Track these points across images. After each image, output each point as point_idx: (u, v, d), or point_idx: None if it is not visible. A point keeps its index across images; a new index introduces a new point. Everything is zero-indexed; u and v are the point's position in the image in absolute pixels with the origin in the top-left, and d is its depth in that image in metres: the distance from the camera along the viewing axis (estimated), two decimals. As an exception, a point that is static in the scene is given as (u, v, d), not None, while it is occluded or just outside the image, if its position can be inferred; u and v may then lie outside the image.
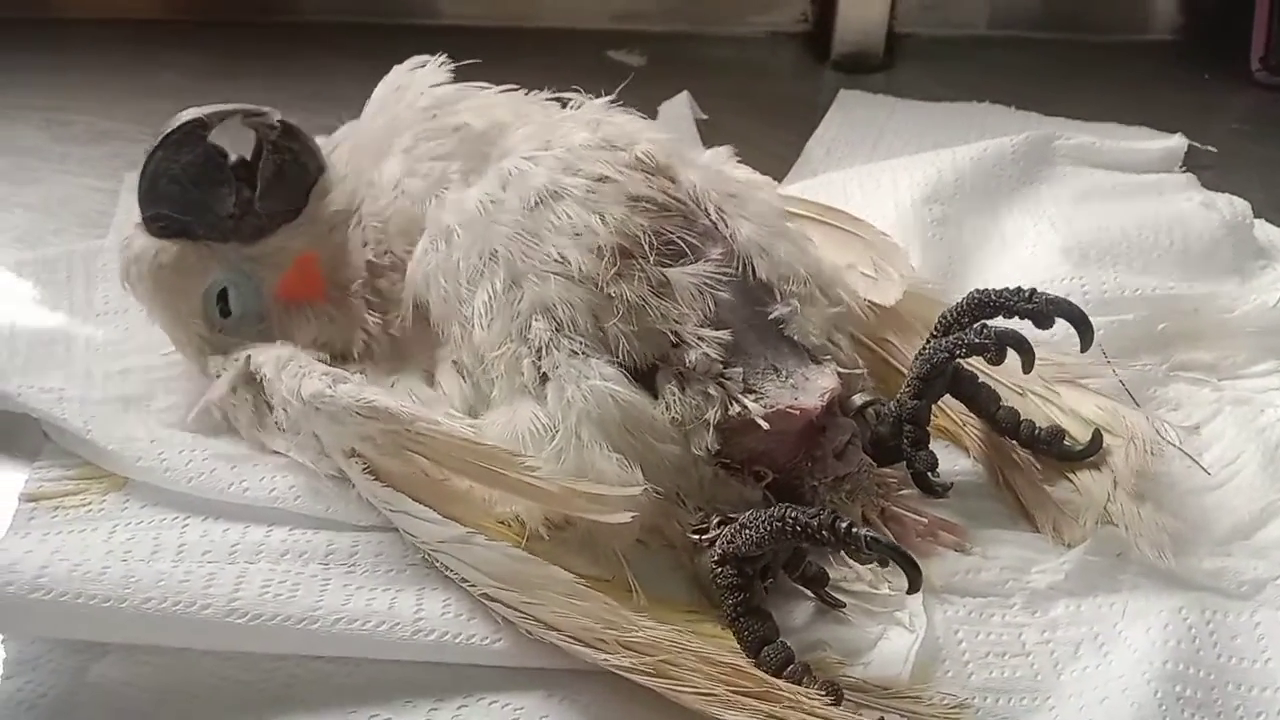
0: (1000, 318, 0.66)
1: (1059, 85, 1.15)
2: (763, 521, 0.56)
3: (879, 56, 1.18)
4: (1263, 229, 0.90)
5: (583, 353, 0.60)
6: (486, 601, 0.57)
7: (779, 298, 0.65)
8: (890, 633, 0.59)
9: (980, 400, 0.68)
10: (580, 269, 0.61)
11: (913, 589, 0.54)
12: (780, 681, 0.54)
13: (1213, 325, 0.78)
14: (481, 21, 1.16)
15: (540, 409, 0.60)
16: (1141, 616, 0.60)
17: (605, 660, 0.54)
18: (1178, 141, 0.96)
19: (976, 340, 0.64)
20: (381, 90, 0.73)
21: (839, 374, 0.66)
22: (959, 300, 0.67)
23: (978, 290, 0.67)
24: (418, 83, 0.72)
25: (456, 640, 0.56)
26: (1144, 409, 0.71)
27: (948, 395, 0.68)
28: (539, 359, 0.61)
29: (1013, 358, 0.64)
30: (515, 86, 0.72)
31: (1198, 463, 0.69)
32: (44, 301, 0.81)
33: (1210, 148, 0.99)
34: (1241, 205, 0.88)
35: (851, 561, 0.61)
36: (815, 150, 1.03)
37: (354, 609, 0.56)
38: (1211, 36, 1.22)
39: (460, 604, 0.58)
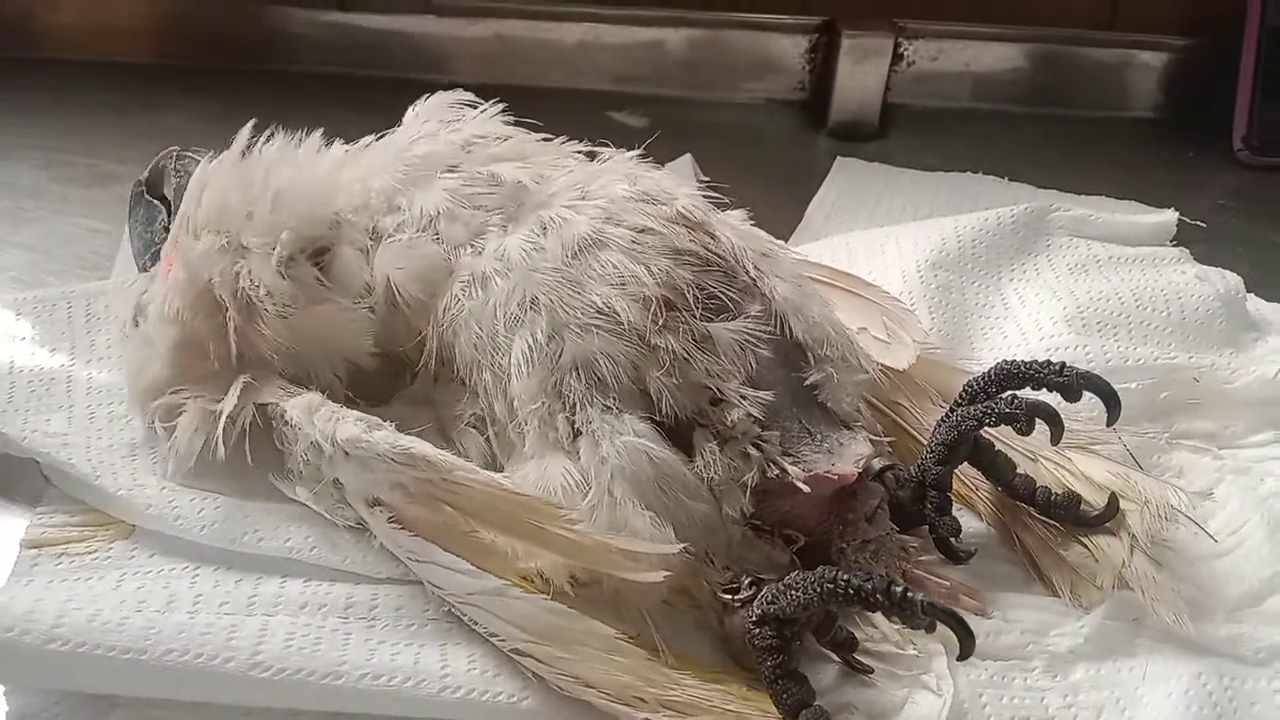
0: (1028, 389, 0.67)
1: (1046, 158, 1.18)
2: (811, 583, 0.56)
3: (874, 125, 1.20)
4: (1253, 303, 0.93)
5: (616, 408, 0.60)
6: (517, 657, 0.56)
7: (812, 361, 0.66)
8: (916, 696, 0.59)
9: (998, 467, 0.68)
10: (627, 319, 0.61)
11: (964, 654, 0.54)
12: None
13: (1213, 395, 0.80)
14: (485, 79, 1.17)
15: (572, 464, 0.60)
16: (1162, 681, 0.60)
17: (648, 719, 0.53)
18: (1169, 216, 0.99)
19: (1007, 410, 0.65)
20: (418, 115, 0.74)
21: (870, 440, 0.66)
22: (986, 370, 0.68)
23: (1006, 361, 0.68)
24: (465, 121, 0.72)
25: (483, 698, 0.55)
26: (1153, 475, 0.72)
27: (965, 464, 0.69)
28: (573, 414, 0.61)
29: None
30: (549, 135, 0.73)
31: (1204, 530, 0.70)
32: (43, 342, 0.80)
33: (1200, 223, 1.02)
34: (1234, 280, 0.91)
35: (878, 624, 0.61)
36: (816, 215, 1.04)
37: (378, 664, 0.55)
38: (1193, 115, 1.26)
39: (486, 660, 0.57)
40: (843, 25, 1.19)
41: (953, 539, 0.65)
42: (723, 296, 0.64)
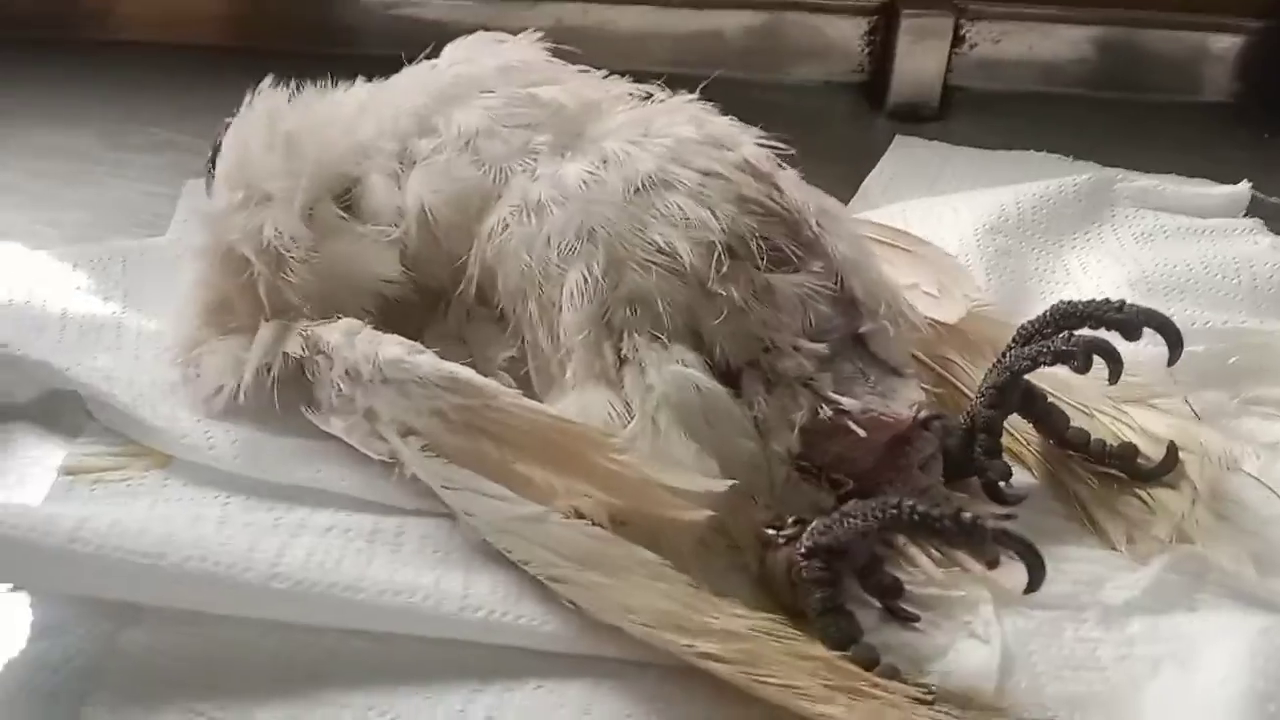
0: (1086, 329, 0.64)
1: (1114, 142, 1.14)
2: (873, 510, 0.53)
3: (934, 108, 1.18)
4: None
5: (666, 339, 0.59)
6: (553, 584, 0.54)
7: (866, 315, 0.64)
8: (960, 643, 0.56)
9: (1052, 419, 0.65)
10: (690, 264, 0.59)
11: (1033, 585, 0.51)
12: (874, 678, 0.51)
13: (1284, 361, 0.76)
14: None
15: (615, 395, 0.58)
16: (1224, 636, 0.56)
17: (688, 646, 0.51)
18: (1243, 188, 0.95)
19: (1063, 348, 0.62)
20: (455, 48, 0.73)
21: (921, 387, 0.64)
22: (1040, 312, 0.66)
23: (1063, 301, 0.65)
24: (501, 49, 0.71)
25: (505, 619, 0.53)
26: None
27: (1014, 416, 0.66)
28: (620, 342, 0.59)
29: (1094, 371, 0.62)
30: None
31: (1275, 491, 0.66)
32: (96, 291, 0.81)
33: (1276, 199, 0.98)
34: (1311, 250, 0.87)
35: (922, 565, 0.59)
36: (873, 188, 1.02)
37: (400, 581, 0.54)
38: (1269, 98, 1.22)
39: (509, 585, 0.55)
40: (902, 6, 1.16)
41: (1002, 483, 0.62)
42: (785, 249, 0.62)
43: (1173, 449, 0.63)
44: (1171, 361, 0.62)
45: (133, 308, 0.79)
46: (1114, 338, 0.63)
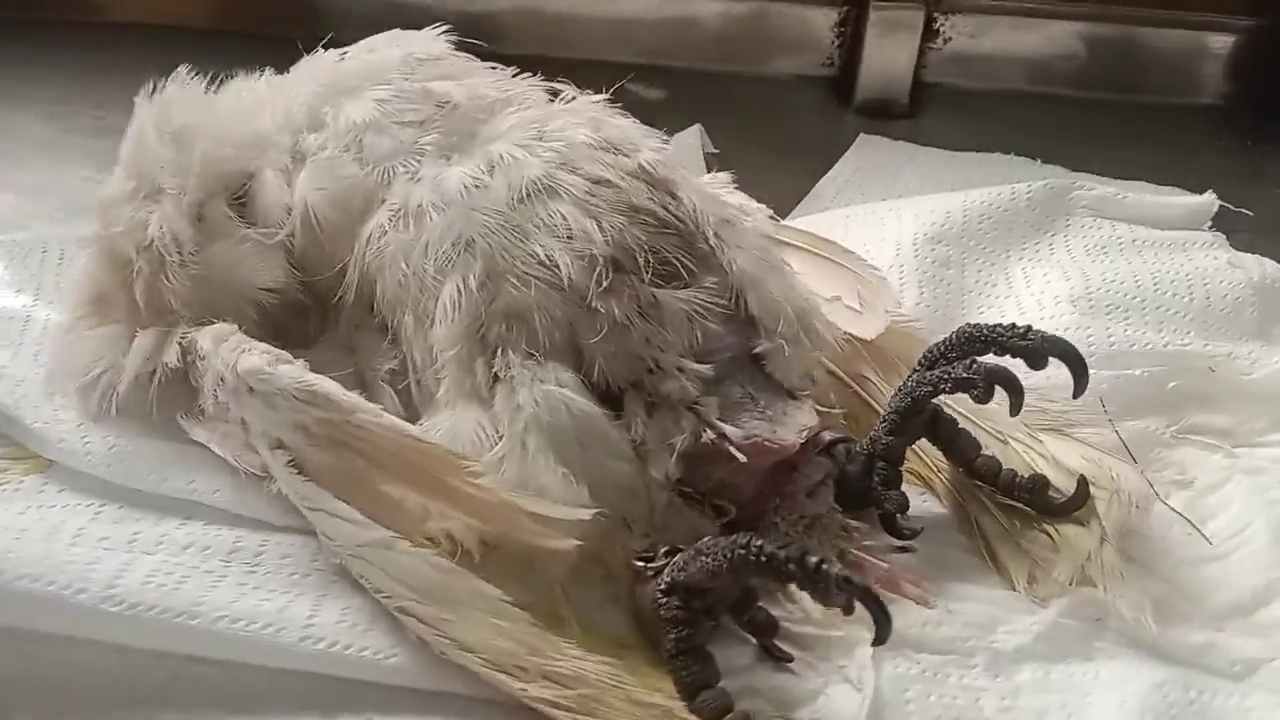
0: (991, 354, 0.61)
1: (1094, 144, 1.10)
2: (723, 549, 0.51)
3: (904, 104, 1.14)
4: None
5: (541, 357, 0.56)
6: (401, 615, 0.52)
7: (763, 334, 0.61)
8: (832, 688, 0.53)
9: (959, 446, 0.62)
10: (569, 278, 0.57)
11: (880, 639, 0.48)
12: None
13: (1230, 387, 0.72)
14: (509, 50, 1.14)
15: (486, 415, 0.56)
16: (1116, 688, 0.53)
17: (522, 690, 0.49)
18: (1207, 199, 0.91)
19: (964, 375, 0.59)
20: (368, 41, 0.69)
21: (817, 411, 0.61)
22: (948, 335, 0.63)
23: (968, 324, 0.62)
24: (406, 41, 0.68)
25: (347, 651, 0.51)
26: (1142, 468, 0.65)
27: (924, 440, 0.63)
28: (493, 359, 0.56)
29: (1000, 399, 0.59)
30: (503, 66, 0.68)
31: (1199, 530, 0.63)
32: (11, 283, 0.79)
33: (1245, 210, 0.93)
34: (1272, 267, 0.83)
35: (802, 602, 0.56)
36: (826, 189, 0.99)
37: (240, 608, 0.52)
38: (1258, 101, 1.17)
39: (360, 615, 0.53)
40: (872, -3, 1.12)
41: (898, 515, 0.60)
42: (676, 262, 0.59)
43: (1083, 484, 0.60)
44: (1076, 393, 0.59)
45: (45, 301, 0.77)
46: (1020, 367, 0.59)
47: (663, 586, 0.52)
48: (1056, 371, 0.62)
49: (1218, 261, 0.82)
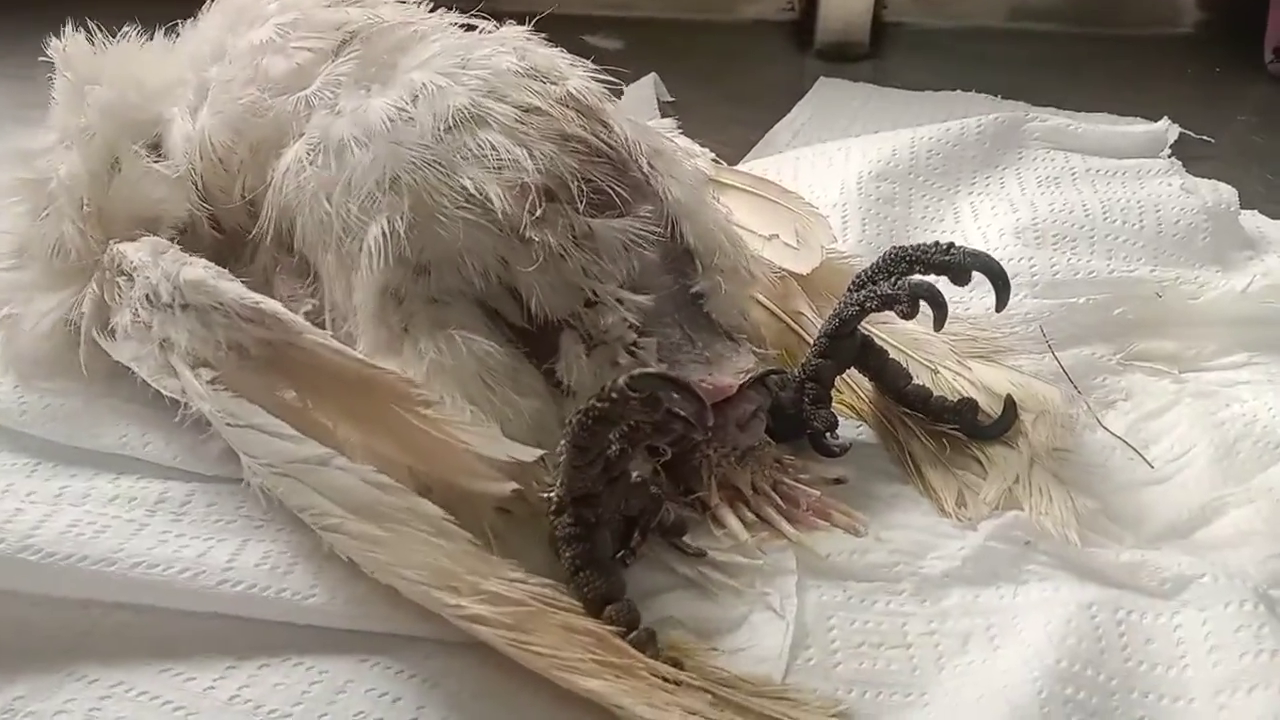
0: (918, 273, 0.60)
1: (1062, 78, 1.09)
2: (563, 437, 0.51)
3: (864, 46, 1.12)
4: (1253, 220, 0.83)
5: (443, 299, 0.56)
6: (330, 534, 0.51)
7: (700, 269, 0.60)
8: (756, 615, 0.53)
9: (889, 374, 0.62)
10: (502, 210, 0.55)
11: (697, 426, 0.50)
12: (647, 659, 0.48)
13: (1177, 313, 0.71)
14: (466, 4, 1.13)
15: (398, 365, 0.55)
16: (1043, 610, 0.53)
17: (456, 607, 0.48)
18: (1162, 126, 0.89)
19: (889, 292, 0.59)
20: None
21: (754, 353, 0.61)
22: (875, 259, 0.62)
23: (895, 246, 0.61)
24: None
25: (265, 594, 0.51)
26: (1083, 393, 0.64)
27: (856, 371, 0.63)
28: (408, 307, 0.56)
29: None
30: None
31: (1139, 453, 0.62)
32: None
33: (1207, 138, 0.92)
34: (1227, 192, 0.82)
35: (729, 525, 0.56)
36: (782, 134, 0.98)
37: (159, 554, 0.52)
38: (1232, 29, 1.15)
39: (280, 558, 0.53)
40: (831, -65, 1.11)
41: (827, 434, 0.59)
42: (610, 191, 0.58)
43: (1010, 405, 0.59)
44: (999, 307, 0.58)
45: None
46: (947, 284, 0.59)
47: (552, 507, 0.52)
48: (987, 296, 0.61)
49: (1170, 188, 0.81)
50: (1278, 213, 0.84)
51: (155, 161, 0.62)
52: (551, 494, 0.53)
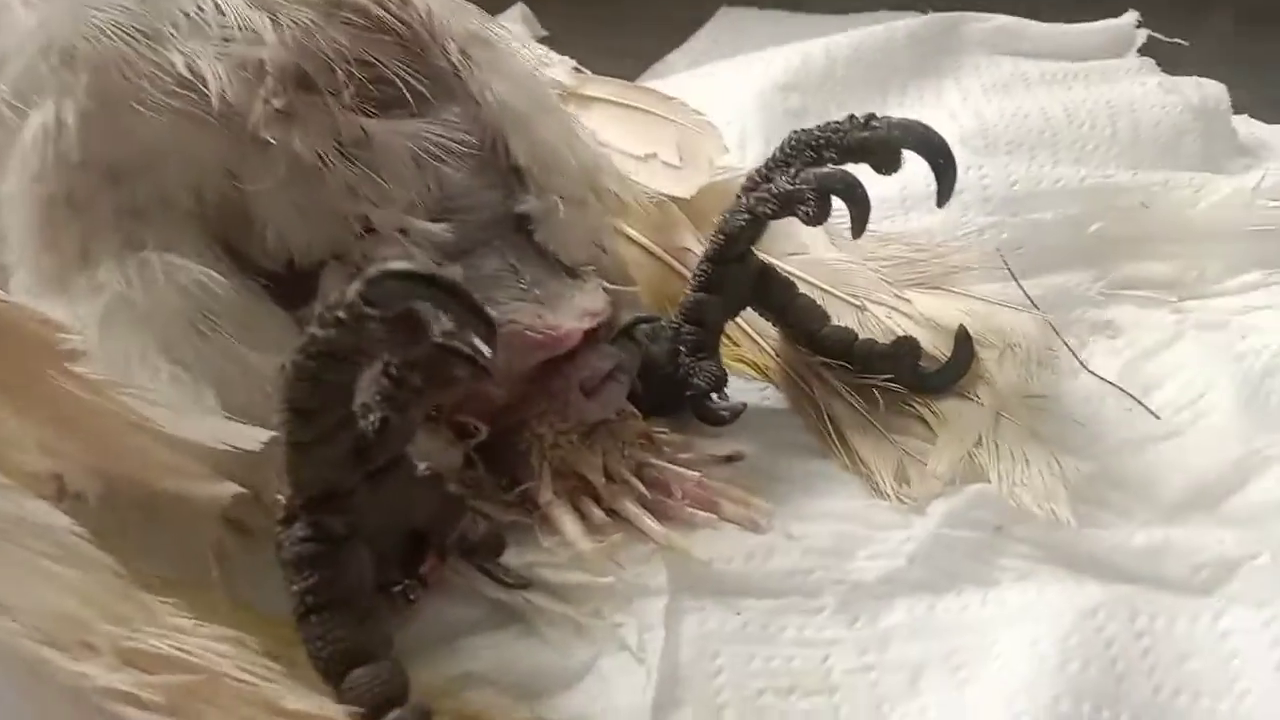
0: (829, 162, 0.44)
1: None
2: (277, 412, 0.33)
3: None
4: (1247, 125, 0.68)
5: (144, 210, 0.39)
6: None
7: (534, 191, 0.44)
8: (604, 662, 0.35)
9: (797, 313, 0.46)
10: (222, 96, 0.39)
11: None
12: None
13: (1170, 226, 0.56)
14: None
15: (68, 305, 0.38)
16: (1028, 622, 0.36)
17: (85, 676, 0.30)
18: (1128, 21, 0.73)
19: (788, 188, 0.43)
20: None
21: (605, 290, 0.44)
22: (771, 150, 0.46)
23: (798, 130, 0.45)
24: None
25: None
26: (1062, 333, 0.48)
27: (753, 313, 0.46)
28: (89, 229, 0.39)
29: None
30: None
31: (1140, 402, 0.46)
32: None
33: (1179, 40, 0.76)
34: (1214, 89, 0.66)
35: (566, 531, 0.39)
36: (678, 64, 0.82)
37: None
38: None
39: None
40: None
41: (712, 394, 0.43)
42: (399, 82, 0.42)
43: (964, 340, 0.43)
44: (941, 196, 0.42)
45: None
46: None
47: (279, 516, 0.34)
48: (928, 216, 0.45)
49: (1145, 87, 0.66)
50: (1273, 118, 0.69)
51: None
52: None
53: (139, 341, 0.37)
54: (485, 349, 0.31)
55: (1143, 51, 0.75)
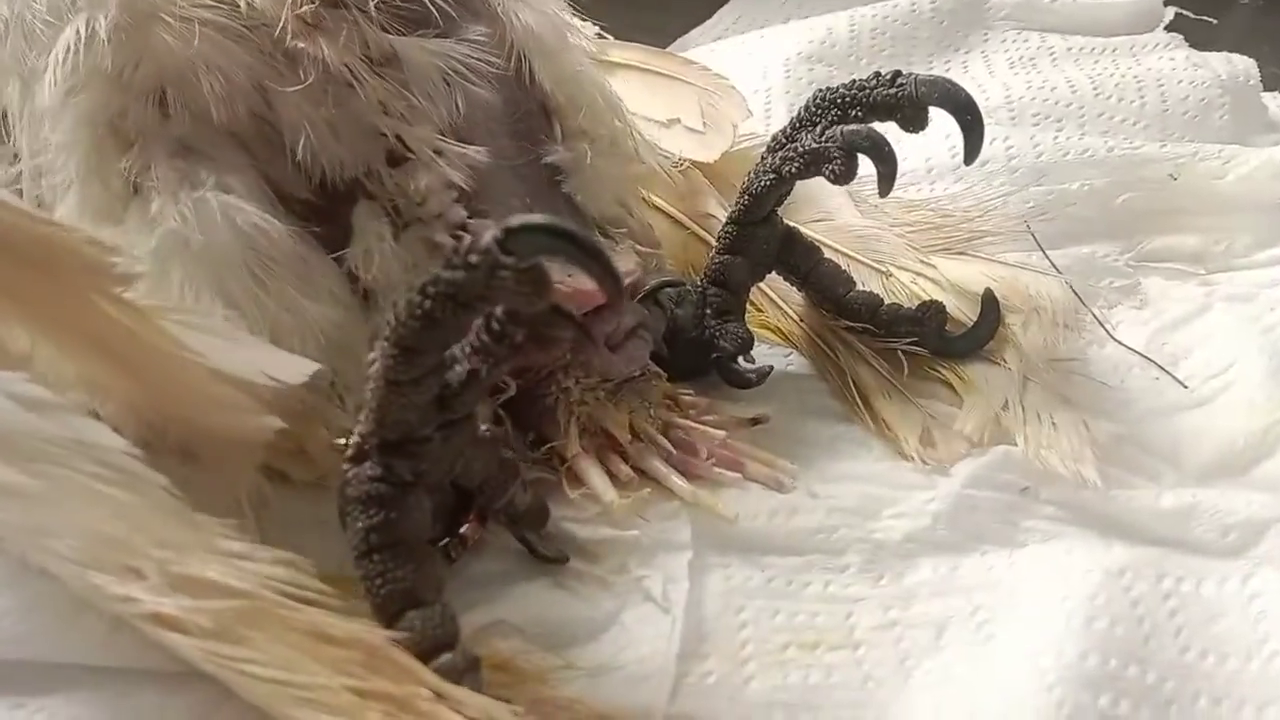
0: (854, 120, 0.44)
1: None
2: (380, 350, 0.33)
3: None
4: (1276, 101, 0.67)
5: (200, 148, 0.38)
6: None
7: (560, 133, 0.44)
8: (628, 613, 0.35)
9: (823, 278, 0.45)
10: (251, 7, 0.38)
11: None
12: (441, 683, 0.31)
13: (1198, 198, 0.55)
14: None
15: (117, 232, 0.38)
16: (1056, 582, 0.36)
17: (131, 601, 0.31)
18: (1154, -4, 0.73)
19: (814, 146, 0.42)
20: None
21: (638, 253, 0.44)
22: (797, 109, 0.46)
23: (824, 89, 0.45)
24: None
25: None
26: (1090, 303, 0.48)
27: (777, 278, 0.46)
28: (131, 155, 0.38)
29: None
30: None
31: (1168, 372, 0.46)
32: None
33: (1208, 18, 0.76)
34: (1243, 63, 0.65)
35: (593, 484, 0.39)
36: (701, 39, 0.81)
37: None
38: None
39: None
40: None
41: (739, 357, 0.43)
42: (427, 1, 0.41)
43: (990, 304, 0.42)
44: (969, 154, 0.42)
45: None
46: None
47: (349, 452, 0.34)
48: (954, 186, 0.45)
49: (1174, 61, 0.65)
50: (1300, 101, 0.68)
51: None
52: (349, 437, 0.35)
53: (193, 280, 0.37)
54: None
55: (1170, 29, 0.74)
